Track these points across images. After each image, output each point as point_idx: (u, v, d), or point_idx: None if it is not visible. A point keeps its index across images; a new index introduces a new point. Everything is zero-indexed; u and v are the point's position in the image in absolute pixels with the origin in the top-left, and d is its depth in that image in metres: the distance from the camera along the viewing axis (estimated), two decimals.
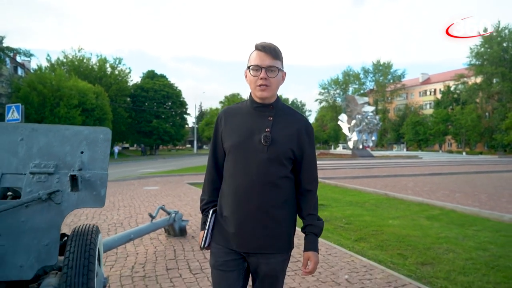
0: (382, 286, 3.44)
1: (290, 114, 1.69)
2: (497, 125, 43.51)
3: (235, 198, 1.61)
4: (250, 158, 1.60)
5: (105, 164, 2.21)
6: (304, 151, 1.66)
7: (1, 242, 1.92)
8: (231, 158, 1.65)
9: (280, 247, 1.63)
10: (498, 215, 6.94)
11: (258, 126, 1.62)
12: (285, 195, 1.63)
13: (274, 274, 1.65)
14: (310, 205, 1.69)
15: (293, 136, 1.63)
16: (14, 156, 2.12)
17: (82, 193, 2.09)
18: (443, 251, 4.64)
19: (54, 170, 2.10)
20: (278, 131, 1.62)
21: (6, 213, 1.94)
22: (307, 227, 1.68)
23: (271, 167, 1.58)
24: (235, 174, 1.62)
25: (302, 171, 1.68)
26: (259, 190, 1.57)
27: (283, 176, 1.61)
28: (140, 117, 49.40)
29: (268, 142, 1.58)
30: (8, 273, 1.89)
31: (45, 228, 1.99)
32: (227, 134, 1.68)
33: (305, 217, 1.69)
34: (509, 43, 44.64)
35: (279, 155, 1.59)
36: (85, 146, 2.22)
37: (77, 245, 1.97)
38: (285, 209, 1.63)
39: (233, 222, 1.60)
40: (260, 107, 1.66)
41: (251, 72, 1.61)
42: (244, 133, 1.62)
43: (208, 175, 1.78)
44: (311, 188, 1.70)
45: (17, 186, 2.13)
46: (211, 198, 1.75)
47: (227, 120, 1.70)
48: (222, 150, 1.71)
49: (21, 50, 27.49)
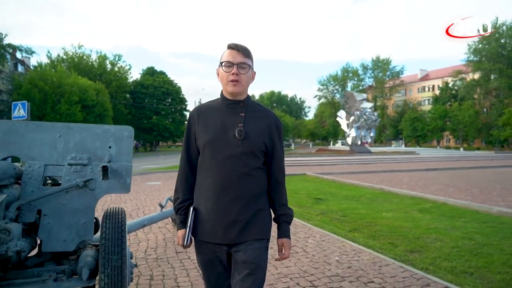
0: (368, 266, 3.85)
1: (260, 110, 1.79)
2: (494, 121, 43.82)
3: (214, 191, 1.66)
4: (225, 152, 1.66)
5: (129, 157, 2.58)
6: (274, 145, 1.77)
7: (48, 220, 2.30)
8: (207, 154, 1.70)
9: (259, 234, 1.69)
10: (487, 207, 7.26)
11: (231, 121, 1.70)
12: (260, 186, 1.73)
13: (254, 262, 1.65)
14: (281, 196, 1.80)
15: (265, 130, 1.73)
16: (54, 150, 2.50)
17: (111, 181, 2.47)
18: (431, 240, 4.98)
19: (87, 162, 2.48)
20: (250, 126, 1.70)
21: (51, 197, 2.33)
22: (280, 217, 1.79)
23: (246, 160, 1.67)
24: (212, 168, 1.68)
25: (273, 163, 1.78)
26: (236, 182, 1.65)
27: (257, 167, 1.71)
28: (140, 114, 49.63)
29: (242, 136, 1.66)
30: (55, 245, 2.29)
31: (82, 210, 2.37)
32: (201, 131, 1.73)
33: (278, 207, 1.80)
34: (507, 39, 44.87)
35: (253, 148, 1.68)
36: (112, 142, 2.59)
37: (111, 222, 2.34)
38: (261, 198, 1.72)
39: (214, 214, 1.66)
40: (232, 103, 1.73)
41: (224, 68, 1.69)
42: (219, 129, 1.69)
43: (182, 174, 1.80)
44: (281, 179, 1.81)
45: (57, 175, 2.50)
46: (186, 196, 1.78)
47: (200, 118, 1.76)
48: (195, 148, 1.76)
49: (23, 48, 27.64)
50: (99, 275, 2.19)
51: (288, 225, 1.77)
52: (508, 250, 4.51)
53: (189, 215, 1.68)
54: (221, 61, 1.71)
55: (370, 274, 3.61)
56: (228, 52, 1.70)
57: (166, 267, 3.81)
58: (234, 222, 1.63)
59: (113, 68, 47.82)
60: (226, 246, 1.66)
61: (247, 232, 1.65)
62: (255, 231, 1.66)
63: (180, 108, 54.71)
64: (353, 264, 3.93)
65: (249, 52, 1.72)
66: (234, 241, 1.64)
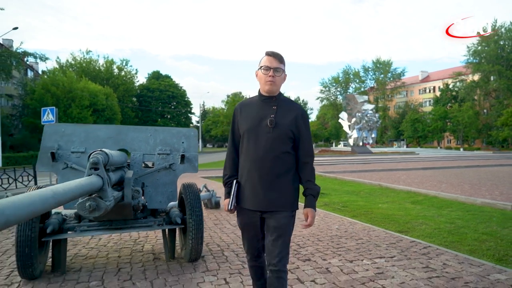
0: (360, 231, 5.05)
1: (289, 104, 2.15)
2: (494, 121, 44.27)
3: (250, 169, 2.07)
4: (260, 137, 2.05)
5: (196, 149, 3.78)
6: (300, 132, 2.10)
7: (149, 189, 3.49)
8: (246, 139, 2.10)
9: (285, 206, 2.03)
10: (473, 199, 8.02)
11: (265, 113, 2.08)
12: (287, 166, 2.07)
13: (280, 228, 2.01)
14: (308, 173, 2.13)
15: (292, 121, 2.08)
16: (147, 144, 3.65)
17: (186, 165, 3.66)
18: (418, 224, 5.84)
19: (170, 152, 3.65)
20: (280, 117, 2.06)
21: (149, 175, 3.52)
22: (306, 190, 2.11)
23: (275, 144, 2.04)
24: (250, 151, 2.08)
25: (300, 147, 2.12)
26: (267, 162, 2.03)
27: (285, 151, 2.07)
28: (147, 117, 50.77)
29: (273, 125, 2.03)
30: (155, 204, 3.50)
31: (169, 183, 3.56)
32: (242, 121, 2.14)
33: (304, 183, 2.13)
34: (506, 41, 45.35)
35: (282, 135, 2.04)
36: (184, 139, 3.76)
37: (190, 189, 3.59)
38: (287, 176, 2.06)
39: (250, 187, 2.05)
40: (266, 99, 2.12)
41: (262, 71, 2.08)
42: (255, 119, 2.08)
43: (229, 155, 2.24)
44: (307, 160, 2.14)
45: (150, 161, 3.65)
46: (232, 173, 2.20)
47: (242, 111, 2.18)
48: (238, 135, 2.18)
49: (37, 54, 28.79)
50: (188, 220, 3.42)
51: (313, 198, 2.07)
52: (480, 230, 5.32)
53: (233, 187, 2.10)
54: (260, 66, 2.10)
55: (360, 235, 4.81)
56: (266, 58, 2.09)
57: (210, 232, 4.98)
58: (265, 195, 2.01)
59: (120, 72, 49.00)
60: (259, 212, 2.05)
61: (275, 203, 2.01)
62: (282, 203, 2.02)
63: (185, 111, 55.79)
64: (348, 229, 5.13)
65: (283, 59, 2.11)
66: (265, 209, 2.02)
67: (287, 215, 2.04)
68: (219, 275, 3.20)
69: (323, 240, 4.47)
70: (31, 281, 3.03)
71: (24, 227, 2.83)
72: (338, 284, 2.96)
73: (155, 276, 3.18)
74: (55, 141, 3.43)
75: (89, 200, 2.21)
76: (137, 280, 3.08)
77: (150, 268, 3.38)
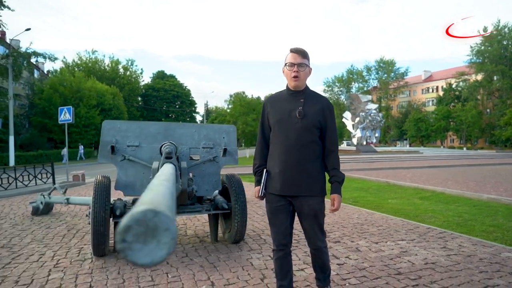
0: (378, 219, 5.53)
1: (315, 96, 2.27)
2: (497, 121, 44.50)
3: (280, 157, 2.18)
4: (289, 128, 2.17)
5: (235, 143, 4.20)
6: (327, 122, 2.22)
7: (197, 179, 3.92)
8: (276, 130, 2.23)
9: (314, 191, 2.15)
10: (478, 195, 8.33)
11: (293, 106, 2.19)
12: (315, 154, 2.19)
13: (313, 213, 2.16)
14: (333, 161, 2.24)
15: (319, 111, 2.19)
16: (193, 139, 4.08)
17: (227, 157, 4.09)
18: (427, 217, 6.20)
19: (213, 146, 4.09)
20: (308, 108, 2.17)
21: (197, 166, 3.96)
22: (332, 177, 2.23)
23: (304, 134, 2.16)
24: (280, 140, 2.20)
25: (326, 136, 2.23)
26: (296, 150, 2.15)
27: (313, 141, 2.19)
28: (151, 116, 51.26)
29: (301, 116, 2.15)
30: (203, 192, 3.93)
31: (213, 173, 4.00)
32: (272, 114, 2.26)
33: (330, 170, 2.23)
34: (508, 41, 45.53)
35: (309, 125, 2.16)
36: (225, 134, 4.19)
37: (233, 179, 4.00)
38: (315, 163, 2.18)
39: (280, 174, 2.16)
40: (294, 93, 2.23)
41: (287, 67, 2.19)
42: (284, 111, 2.20)
43: (258, 146, 2.36)
44: (333, 149, 2.24)
45: (195, 154, 4.08)
46: (261, 162, 2.32)
47: (271, 104, 2.30)
48: (268, 126, 2.31)
49: (47, 54, 29.23)
50: (233, 206, 3.85)
51: (339, 184, 2.20)
52: (487, 223, 5.67)
53: (263, 175, 2.24)
54: (285, 62, 2.21)
55: (379, 222, 5.27)
56: (290, 55, 2.19)
57: None
58: (296, 181, 2.13)
59: (125, 72, 49.50)
60: (289, 198, 2.17)
61: (305, 188, 2.14)
62: (312, 188, 2.15)
63: (190, 110, 56.31)
64: (368, 218, 5.60)
65: (306, 54, 2.20)
66: (296, 194, 2.14)
67: (319, 200, 2.17)
68: (263, 253, 3.65)
69: (347, 227, 4.92)
70: (101, 257, 3.48)
71: (99, 209, 3.28)
72: (369, 259, 3.41)
73: (207, 254, 3.64)
74: (113, 136, 3.86)
75: None
76: (193, 257, 3.54)
77: (200, 248, 3.85)
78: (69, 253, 3.72)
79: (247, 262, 3.35)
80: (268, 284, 2.83)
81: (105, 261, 3.39)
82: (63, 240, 4.24)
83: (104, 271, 3.14)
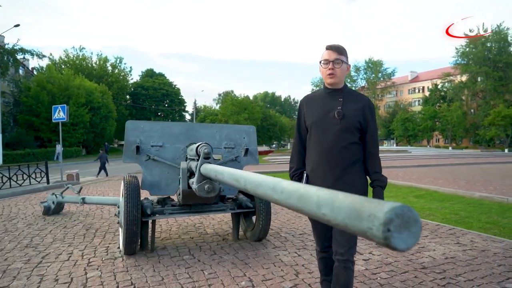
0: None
1: (355, 95, 2.15)
2: (481, 121, 45.65)
3: (319, 160, 2.08)
4: (327, 129, 2.06)
5: (255, 143, 4.29)
6: (368, 123, 2.09)
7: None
8: (314, 131, 2.12)
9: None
10: (471, 193, 8.58)
11: (331, 105, 2.08)
12: (355, 156, 2.07)
13: None
14: (375, 164, 2.10)
15: (359, 112, 2.07)
16: (214, 139, 4.13)
17: (248, 157, 4.18)
18: (425, 216, 6.29)
19: (234, 146, 4.17)
20: (347, 108, 2.06)
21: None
22: (374, 182, 2.08)
23: (343, 135, 2.04)
24: (318, 142, 2.10)
25: (367, 138, 2.10)
26: (335, 153, 2.04)
27: (353, 142, 2.06)
28: (140, 115, 50.73)
29: (340, 116, 2.04)
30: (226, 192, 3.95)
31: None
32: (309, 114, 2.16)
33: (372, 174, 2.10)
34: (492, 43, 46.80)
35: (349, 126, 2.04)
36: (245, 134, 4.28)
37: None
38: (355, 166, 2.06)
39: (319, 177, 2.06)
40: (332, 91, 2.12)
41: (323, 65, 2.09)
42: (322, 112, 2.09)
43: (295, 148, 2.27)
44: (374, 151, 2.11)
45: (217, 154, 4.12)
46: (298, 166, 2.24)
47: (308, 104, 2.20)
48: (305, 127, 2.20)
49: (34, 52, 28.72)
50: (258, 204, 3.93)
51: (381, 189, 2.05)
52: (484, 220, 5.85)
53: (303, 179, 2.15)
54: (320, 60, 2.11)
55: None
56: (325, 52, 2.09)
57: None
58: (335, 185, 1.99)
59: (113, 70, 48.84)
60: None
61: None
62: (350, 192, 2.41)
63: (179, 109, 55.95)
64: None
65: (342, 50, 2.07)
66: None
67: None
68: (288, 250, 3.79)
69: None
70: (131, 256, 3.55)
71: (131, 208, 3.35)
72: (391, 254, 3.58)
73: (234, 251, 3.75)
74: (137, 136, 3.92)
75: (207, 183, 2.65)
76: (221, 254, 3.64)
77: (225, 246, 3.95)
78: (97, 252, 3.77)
79: (276, 259, 3.48)
80: (304, 280, 2.96)
81: (136, 259, 3.46)
82: (86, 240, 4.28)
83: (139, 269, 3.22)
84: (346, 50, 2.09)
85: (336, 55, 2.04)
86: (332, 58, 2.04)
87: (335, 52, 2.05)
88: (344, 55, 2.07)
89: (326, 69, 2.06)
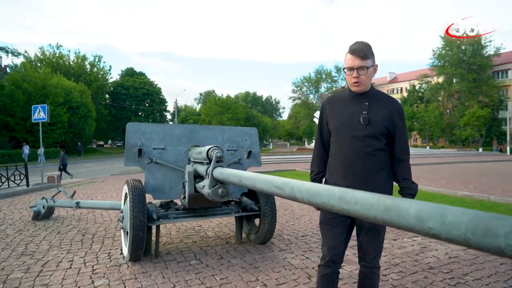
0: None
1: (383, 99, 2.01)
2: (457, 121, 47.31)
3: (342, 166, 1.97)
4: (352, 135, 1.93)
5: (258, 145, 4.25)
6: (396, 128, 1.95)
7: None
8: (337, 136, 2.00)
9: None
10: (453, 192, 8.79)
11: (356, 110, 1.95)
12: (381, 163, 1.94)
13: (376, 228, 1.93)
14: (404, 171, 1.98)
15: (386, 116, 1.93)
16: (216, 142, 4.04)
17: (251, 160, 4.15)
18: None
19: (236, 148, 4.12)
20: (373, 113, 1.93)
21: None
22: (403, 189, 1.97)
23: (369, 141, 1.91)
24: (341, 148, 1.97)
25: (396, 144, 1.97)
26: (360, 160, 1.92)
27: (379, 149, 1.93)
28: (121, 114, 49.72)
29: (366, 122, 1.91)
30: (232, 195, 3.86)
31: None
32: (331, 117, 2.04)
33: (401, 181, 1.98)
34: (467, 46, 48.52)
35: (375, 132, 1.91)
36: (247, 136, 4.23)
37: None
38: (381, 174, 1.94)
39: (341, 185, 1.87)
40: (357, 95, 1.99)
41: (346, 72, 1.94)
42: (346, 116, 1.97)
43: (317, 151, 2.15)
44: (404, 157, 1.99)
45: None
46: (319, 170, 2.14)
47: (331, 107, 2.08)
48: (327, 130, 2.08)
49: (9, 49, 27.64)
50: (263, 207, 3.90)
51: (412, 197, 1.93)
52: None
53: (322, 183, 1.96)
54: (344, 67, 1.97)
55: None
56: (348, 57, 1.92)
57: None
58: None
59: (92, 69, 47.65)
60: None
61: None
62: None
63: (160, 109, 55.15)
64: None
65: (367, 53, 1.89)
66: None
67: None
68: (295, 252, 3.79)
69: None
70: (136, 262, 3.46)
71: (138, 213, 3.27)
72: (397, 255, 3.64)
73: (241, 255, 3.72)
74: (138, 139, 3.83)
75: (220, 188, 2.60)
76: (229, 258, 3.61)
77: (230, 250, 3.92)
78: (99, 258, 3.65)
79: (285, 262, 3.47)
80: None
81: (142, 266, 3.38)
82: (84, 246, 4.14)
83: (147, 275, 3.14)
84: (371, 47, 1.92)
85: (360, 61, 1.88)
86: (357, 65, 1.88)
87: (359, 57, 1.88)
88: (370, 57, 1.90)
89: (350, 77, 1.93)
